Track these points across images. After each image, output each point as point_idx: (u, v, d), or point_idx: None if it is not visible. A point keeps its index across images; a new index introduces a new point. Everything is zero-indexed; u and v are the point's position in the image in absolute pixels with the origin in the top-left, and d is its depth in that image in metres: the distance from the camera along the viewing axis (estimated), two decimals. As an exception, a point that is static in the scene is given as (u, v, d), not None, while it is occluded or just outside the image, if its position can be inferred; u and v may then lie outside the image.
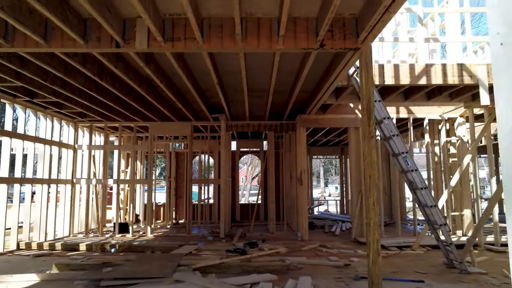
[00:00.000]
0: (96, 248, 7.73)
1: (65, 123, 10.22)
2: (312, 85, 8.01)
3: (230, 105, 10.04)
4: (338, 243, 8.83)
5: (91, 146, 10.46)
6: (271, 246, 8.17)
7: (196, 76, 7.40)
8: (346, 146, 17.20)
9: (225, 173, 10.34)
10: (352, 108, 9.64)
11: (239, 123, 10.63)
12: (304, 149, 9.56)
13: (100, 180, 10.35)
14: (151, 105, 9.68)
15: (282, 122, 10.65)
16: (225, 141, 10.35)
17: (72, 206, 10.20)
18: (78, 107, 8.72)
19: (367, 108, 4.70)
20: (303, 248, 7.99)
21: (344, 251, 7.58)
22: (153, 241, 9.10)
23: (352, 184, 9.74)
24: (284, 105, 10.06)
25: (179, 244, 8.09)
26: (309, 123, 9.66)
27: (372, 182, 4.59)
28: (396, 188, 10.07)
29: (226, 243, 8.83)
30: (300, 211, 10.00)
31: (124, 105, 9.10)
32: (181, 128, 10.52)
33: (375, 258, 4.50)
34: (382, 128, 6.40)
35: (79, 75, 6.68)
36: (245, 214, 14.78)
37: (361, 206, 9.42)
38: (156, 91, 8.33)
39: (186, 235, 10.17)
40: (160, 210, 14.49)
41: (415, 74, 6.85)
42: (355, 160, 9.73)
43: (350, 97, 8.32)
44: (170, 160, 13.54)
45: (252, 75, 7.23)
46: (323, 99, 7.83)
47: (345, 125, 9.66)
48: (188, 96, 8.99)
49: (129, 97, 8.01)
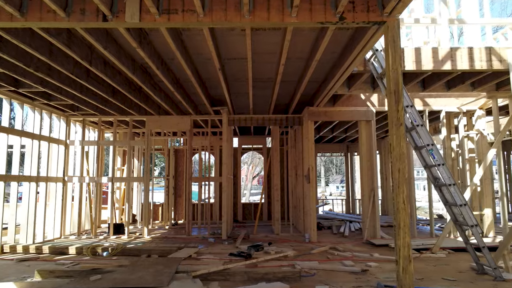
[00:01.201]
0: (87, 252, 7.07)
1: (55, 117, 9.55)
2: (322, 74, 7.34)
3: (233, 97, 9.37)
4: (349, 245, 8.17)
5: (83, 142, 9.80)
6: (278, 249, 7.51)
7: (195, 62, 6.74)
8: (352, 143, 16.55)
9: (227, 170, 9.68)
10: (364, 100, 8.98)
11: (242, 117, 9.97)
12: (312, 144, 8.90)
13: (94, 178, 9.69)
14: (147, 97, 9.02)
15: (287, 116, 9.99)
16: (227, 135, 9.69)
17: (63, 205, 9.54)
18: (68, 99, 8.05)
19: (395, 91, 4.04)
20: (312, 251, 7.33)
21: (358, 255, 6.92)
22: (150, 243, 8.44)
23: (363, 181, 9.08)
24: (291, 98, 9.39)
25: (177, 247, 7.43)
26: (318, 116, 9.00)
27: (402, 177, 3.93)
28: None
29: (229, 246, 8.17)
30: (307, 210, 9.35)
31: (119, 97, 8.43)
32: (180, 122, 9.86)
33: (406, 265, 3.83)
34: (403, 118, 5.74)
35: (67, 60, 6.01)
36: (248, 213, 14.13)
37: (373, 205, 8.77)
38: (153, 81, 7.67)
39: (185, 236, 9.51)
40: (158, 210, 13.84)
41: (439, 58, 6.19)
42: (366, 156, 9.07)
43: (363, 86, 7.66)
44: (168, 157, 12.88)
45: (258, 61, 6.57)
46: (335, 88, 7.16)
47: (356, 118, 9.00)
48: (187, 86, 8.32)
49: (123, 87, 7.35)
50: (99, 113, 9.74)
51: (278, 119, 9.96)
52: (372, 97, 8.98)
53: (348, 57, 5.62)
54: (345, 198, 18.88)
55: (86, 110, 9.44)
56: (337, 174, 55.94)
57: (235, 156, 13.96)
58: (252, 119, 9.95)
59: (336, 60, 6.41)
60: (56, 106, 9.06)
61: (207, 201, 11.50)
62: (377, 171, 8.90)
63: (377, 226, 8.67)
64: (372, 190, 8.88)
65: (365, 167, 9.09)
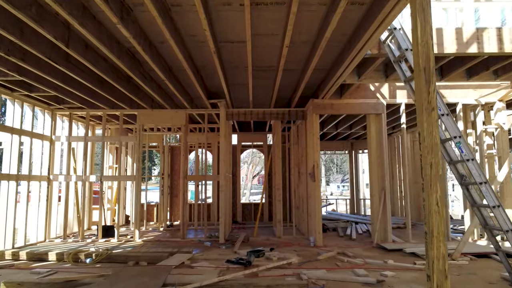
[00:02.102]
0: (68, 258, 6.36)
1: (39, 111, 8.83)
2: (330, 60, 6.62)
3: (231, 89, 8.66)
4: (359, 249, 7.46)
5: (70, 138, 9.08)
6: (281, 254, 6.80)
7: (189, 47, 6.02)
8: (356, 140, 15.84)
9: (225, 168, 8.96)
10: (373, 91, 8.26)
11: (241, 111, 9.25)
12: (317, 139, 8.18)
13: (81, 176, 8.97)
14: (138, 89, 8.30)
15: (290, 110, 9.27)
16: (225, 131, 8.97)
17: (48, 206, 8.83)
18: (51, 89, 7.34)
19: (425, 69, 3.32)
20: (319, 257, 6.61)
21: (370, 261, 6.21)
22: (140, 248, 7.73)
23: (372, 180, 8.37)
24: (293, 90, 8.68)
25: (169, 253, 6.72)
26: (323, 108, 8.28)
27: (435, 173, 3.21)
28: (407, 187, 8.71)
29: (227, 250, 7.46)
30: (311, 211, 8.63)
31: (107, 88, 7.71)
32: (174, 116, 9.14)
33: (442, 282, 3.12)
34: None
35: (41, 42, 5.29)
36: (247, 214, 13.41)
37: (384, 206, 8.05)
38: (142, 69, 6.95)
39: (180, 239, 8.80)
40: (153, 210, 13.13)
41: (463, 40, 5.47)
42: (376, 153, 8.36)
43: (375, 75, 6.94)
44: (164, 155, 12.16)
45: (258, 44, 5.85)
46: (344, 76, 6.45)
47: (364, 111, 8.28)
48: (181, 76, 7.61)
49: (110, 76, 6.63)
50: (87, 107, 9.02)
51: (280, 113, 9.23)
52: (382, 88, 8.26)
53: (361, 37, 4.90)
54: (348, 197, 18.19)
55: (73, 103, 8.72)
56: (338, 173, 55.27)
57: (234, 154, 13.25)
58: (252, 113, 9.23)
59: (346, 43, 5.69)
60: (39, 98, 8.34)
61: (205, 201, 10.79)
62: (388, 169, 8.18)
63: (388, 229, 7.96)
64: (382, 189, 8.16)
65: (374, 165, 8.38)
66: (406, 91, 8.21)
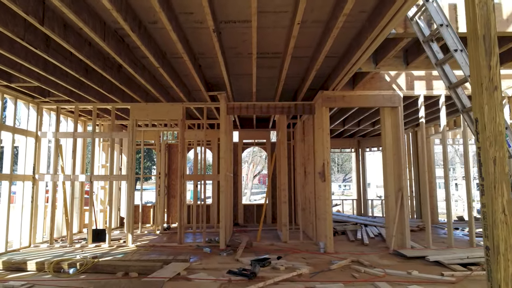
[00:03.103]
0: (49, 268, 5.62)
1: (23, 104, 8.09)
2: (344, 44, 5.88)
3: (233, 80, 7.92)
4: (374, 257, 6.72)
5: (57, 134, 8.34)
6: (288, 263, 6.06)
7: (184, 28, 5.27)
8: (363, 138, 15.10)
9: (226, 167, 8.22)
10: (389, 82, 7.52)
11: (243, 104, 8.50)
12: (327, 135, 7.44)
13: (69, 176, 8.23)
14: (130, 79, 7.56)
15: (296, 103, 8.51)
16: (225, 126, 8.22)
17: (33, 208, 8.09)
18: (32, 79, 6.59)
19: (484, 36, 2.58)
20: (332, 266, 5.87)
21: (391, 272, 5.46)
22: (132, 255, 6.99)
23: (386, 180, 7.63)
24: (301, 80, 7.94)
25: (163, 261, 5.98)
26: (334, 101, 7.54)
27: (500, 170, 2.47)
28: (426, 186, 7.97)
29: (228, 258, 6.72)
30: (320, 214, 7.90)
31: (94, 78, 6.97)
32: (170, 110, 8.40)
33: (512, 314, 2.38)
34: (459, 94, 4.28)
35: (13, 19, 4.54)
36: (249, 216, 12.67)
37: (402, 208, 7.31)
38: (133, 55, 6.20)
39: (177, 245, 8.06)
40: (149, 212, 12.40)
41: (503, 17, 4.72)
42: (392, 149, 7.62)
43: (394, 62, 6.20)
44: (160, 153, 11.43)
45: (264, 25, 5.11)
46: (361, 62, 5.70)
47: (379, 104, 7.54)
48: (177, 65, 6.87)
49: (96, 63, 5.88)
50: (76, 100, 8.29)
51: (285, 106, 8.48)
52: (399, 79, 7.52)
53: (386, 12, 4.16)
54: (350, 198, 17.47)
55: (59, 96, 7.98)
56: (339, 172, 54.56)
57: (235, 152, 12.52)
58: (255, 106, 8.49)
59: (365, 22, 4.94)
60: (21, 90, 7.60)
61: (203, 203, 10.05)
62: (406, 167, 7.43)
63: (406, 234, 7.21)
64: (399, 190, 7.41)
65: (390, 163, 7.64)
66: (425, 82, 7.47)
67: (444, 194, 7.59)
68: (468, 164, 7.39)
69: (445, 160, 7.43)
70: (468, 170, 7.39)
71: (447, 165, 7.39)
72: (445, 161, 7.42)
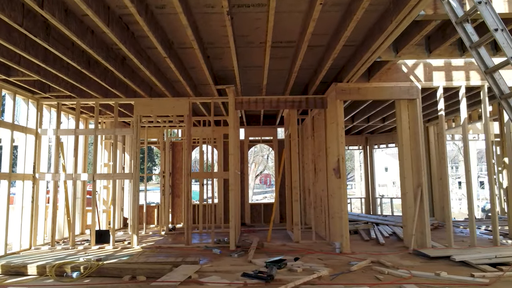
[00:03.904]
0: (51, 272, 5.26)
1: (22, 100, 7.73)
2: (363, 32, 5.52)
3: (242, 73, 7.56)
4: (394, 257, 6.36)
5: (58, 131, 7.98)
6: (306, 264, 5.70)
7: (194, 14, 4.92)
8: (371, 135, 14.74)
9: (235, 164, 7.86)
10: (406, 73, 7.16)
11: (252, 98, 8.13)
12: (342, 129, 7.08)
13: (71, 175, 7.87)
14: (134, 72, 7.21)
15: (308, 97, 8.15)
16: (234, 121, 7.87)
17: (33, 209, 7.73)
18: (31, 72, 6.23)
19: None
20: (352, 268, 5.50)
21: (417, 274, 5.10)
22: (138, 257, 6.63)
23: (404, 176, 7.27)
24: (314, 72, 7.58)
25: (172, 263, 5.62)
26: (348, 94, 7.18)
27: None
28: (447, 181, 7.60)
29: (239, 259, 6.36)
30: (334, 213, 7.53)
31: (98, 71, 6.62)
32: (176, 105, 8.04)
33: None
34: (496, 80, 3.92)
35: (10, 3, 4.17)
36: (257, 216, 12.32)
37: (421, 205, 6.95)
38: (138, 45, 5.85)
39: (184, 246, 7.70)
40: (153, 212, 12.04)
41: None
42: (409, 144, 7.26)
43: (416, 50, 5.83)
44: (164, 151, 11.07)
45: (280, 9, 4.74)
46: (381, 50, 5.35)
47: (396, 96, 7.18)
48: (184, 56, 6.52)
49: (99, 53, 5.51)
50: (77, 96, 7.93)
51: (296, 100, 8.12)
52: (416, 70, 7.16)
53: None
54: (360, 196, 17.10)
55: (60, 91, 7.63)
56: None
57: (241, 150, 12.15)
58: (264, 101, 8.12)
59: (390, 4, 4.57)
60: (20, 85, 7.23)
61: (211, 202, 9.69)
62: (424, 163, 7.07)
63: (426, 233, 6.85)
64: (419, 186, 7.05)
65: (407, 158, 7.27)
66: (444, 72, 7.10)
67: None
68: (490, 161, 7.02)
69: (466, 156, 7.07)
70: (491, 167, 7.02)
71: (469, 161, 7.02)
72: (466, 157, 7.06)
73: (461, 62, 7.10)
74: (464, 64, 7.07)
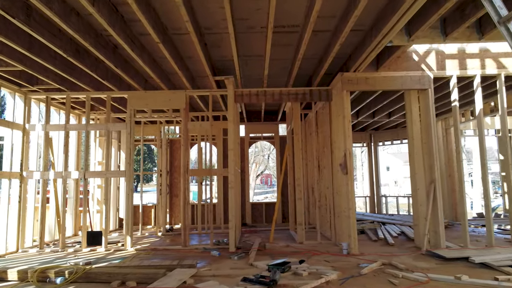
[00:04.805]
0: (33, 278, 4.80)
1: (8, 93, 7.29)
2: (373, 14, 5.07)
3: (241, 63, 7.12)
4: (407, 258, 5.89)
5: (47, 126, 7.53)
6: (312, 267, 5.24)
7: (189, -8, 4.47)
8: (375, 132, 14.28)
9: (235, 160, 7.41)
10: (417, 61, 6.70)
11: (253, 91, 7.68)
12: (349, 122, 6.63)
13: (61, 173, 7.41)
14: (127, 63, 6.76)
15: (312, 89, 7.70)
16: (233, 114, 7.41)
17: (21, 209, 7.28)
18: (15, 61, 5.78)
19: None
20: (363, 271, 5.04)
21: (435, 277, 4.63)
22: (131, 260, 6.18)
23: (415, 171, 6.81)
24: (319, 61, 7.12)
25: (167, 268, 5.16)
26: (356, 84, 6.72)
27: None
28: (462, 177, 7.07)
29: (240, 262, 5.90)
30: (341, 211, 7.08)
31: (87, 61, 6.17)
32: (172, 99, 7.58)
33: None
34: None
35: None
36: (258, 215, 11.86)
37: (434, 203, 6.49)
38: (129, 30, 5.39)
39: (181, 248, 7.25)
40: (150, 212, 11.59)
41: None
42: (421, 137, 6.81)
43: (430, 34, 5.37)
44: (161, 149, 10.62)
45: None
46: (394, 32, 4.89)
47: (406, 86, 6.72)
48: (179, 43, 6.07)
49: (86, 39, 5.07)
50: (67, 89, 7.48)
51: (299, 93, 7.67)
52: (428, 58, 6.70)
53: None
54: (364, 195, 16.62)
55: (49, 83, 7.17)
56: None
57: (242, 147, 11.70)
58: (266, 93, 7.67)
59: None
60: (5, 77, 6.79)
61: (210, 201, 9.23)
62: (437, 158, 6.61)
63: (440, 232, 6.39)
64: (431, 182, 6.59)
65: (418, 153, 6.82)
66: (458, 60, 6.65)
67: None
68: (508, 155, 6.55)
69: (481, 149, 6.60)
70: (509, 162, 6.54)
71: (485, 157, 6.55)
72: (482, 150, 6.59)
73: (476, 49, 6.64)
74: (479, 52, 6.62)
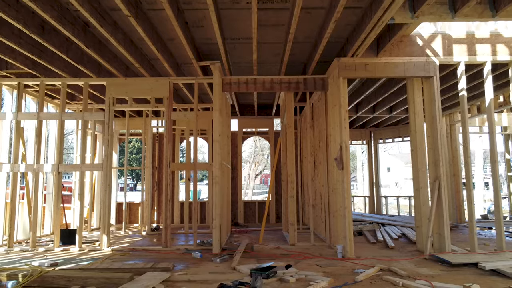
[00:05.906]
0: (-20, 281, 4.21)
1: (-25, 78, 6.70)
2: (373, -15, 4.48)
3: (229, 48, 6.52)
4: (408, 263, 5.28)
5: (18, 115, 6.94)
6: (301, 273, 4.63)
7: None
8: (376, 129, 13.66)
9: (222, 154, 6.80)
10: (421, 46, 6.09)
11: (241, 79, 7.07)
12: (345, 112, 6.02)
13: (32, 165, 6.82)
14: (102, 45, 6.15)
15: (306, 77, 7.10)
16: (220, 104, 6.81)
17: (-12, 204, 6.69)
18: (-26, 40, 5.19)
19: None
20: (358, 277, 4.43)
21: (440, 286, 4.02)
22: (102, 261, 5.58)
23: (418, 168, 6.21)
24: (313, 47, 6.52)
25: (136, 271, 4.56)
26: (353, 70, 6.11)
27: None
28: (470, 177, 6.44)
29: (222, 265, 5.30)
30: (336, 211, 6.47)
31: (56, 40, 5.57)
32: (154, 87, 6.98)
33: None
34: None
35: None
36: (250, 215, 11.25)
37: (439, 202, 5.88)
38: (98, 4, 4.79)
39: (161, 248, 6.64)
40: (137, 210, 11.00)
41: None
42: (426, 129, 6.20)
43: (437, 10, 4.76)
44: (148, 143, 10.02)
45: None
46: (396, 5, 4.27)
47: (410, 73, 6.11)
48: (157, 21, 5.46)
49: (47, 11, 4.47)
50: (41, 75, 6.88)
51: (293, 81, 7.06)
52: (433, 43, 6.09)
53: None
54: (363, 195, 16.02)
55: (20, 68, 6.59)
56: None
57: (234, 143, 11.12)
58: (256, 81, 7.06)
59: None
60: (-32, 59, 6.21)
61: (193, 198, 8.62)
62: (443, 153, 5.99)
63: (445, 234, 5.77)
64: (436, 179, 5.98)
65: (421, 147, 6.21)
66: (466, 46, 6.03)
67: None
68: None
69: (492, 144, 5.98)
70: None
71: (495, 155, 5.93)
72: (493, 146, 5.97)
73: (487, 34, 6.03)
74: (490, 36, 6.01)
